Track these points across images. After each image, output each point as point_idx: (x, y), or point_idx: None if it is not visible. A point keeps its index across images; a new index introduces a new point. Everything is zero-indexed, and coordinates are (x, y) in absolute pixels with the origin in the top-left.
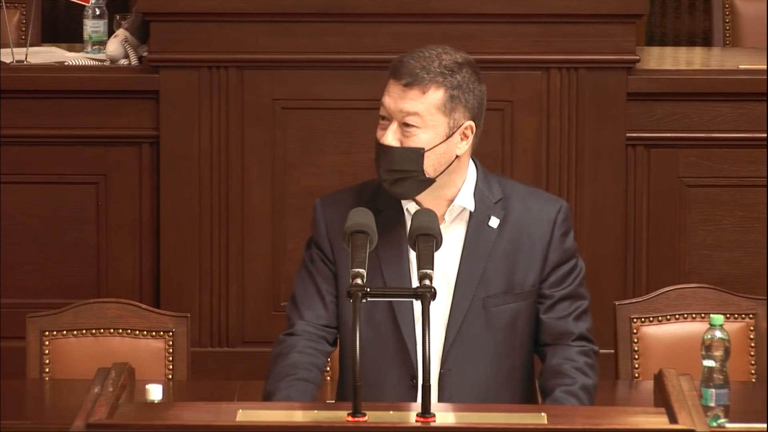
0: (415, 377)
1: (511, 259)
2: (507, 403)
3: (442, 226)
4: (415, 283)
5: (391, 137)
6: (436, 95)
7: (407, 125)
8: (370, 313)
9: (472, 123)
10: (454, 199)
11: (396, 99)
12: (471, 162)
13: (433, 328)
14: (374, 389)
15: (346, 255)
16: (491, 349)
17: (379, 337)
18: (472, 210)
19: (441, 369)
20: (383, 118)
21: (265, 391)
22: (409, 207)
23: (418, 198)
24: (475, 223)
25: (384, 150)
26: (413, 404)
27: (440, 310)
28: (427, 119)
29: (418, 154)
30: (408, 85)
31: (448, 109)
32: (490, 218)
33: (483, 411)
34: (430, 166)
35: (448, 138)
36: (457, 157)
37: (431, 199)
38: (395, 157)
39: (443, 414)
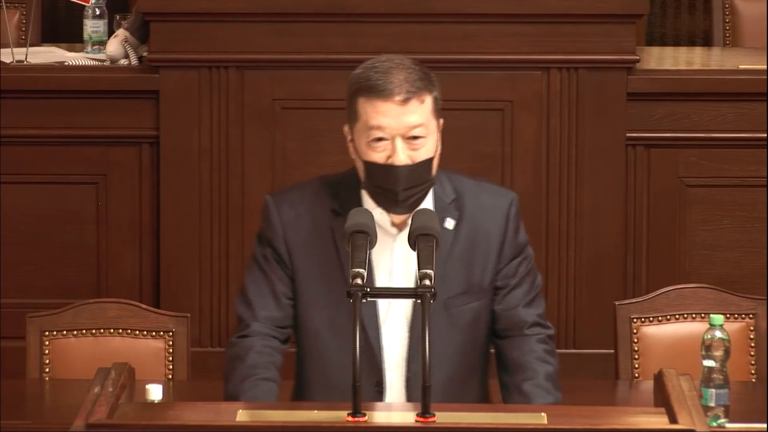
0: (381, 383)
1: (469, 258)
2: (470, 400)
3: (404, 230)
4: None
5: (403, 157)
6: (429, 100)
7: (414, 138)
8: (332, 319)
9: (442, 119)
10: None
11: (396, 116)
12: None
13: (396, 331)
14: (338, 396)
15: (305, 257)
16: (455, 349)
17: (343, 343)
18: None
19: (407, 373)
20: (379, 140)
21: (228, 395)
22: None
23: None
24: None
25: (401, 171)
26: (413, 404)
27: (402, 313)
28: (429, 126)
29: (429, 164)
30: (406, 101)
31: (436, 111)
32: (445, 220)
33: (483, 411)
34: (434, 168)
35: (438, 138)
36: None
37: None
38: (414, 173)
39: (443, 414)
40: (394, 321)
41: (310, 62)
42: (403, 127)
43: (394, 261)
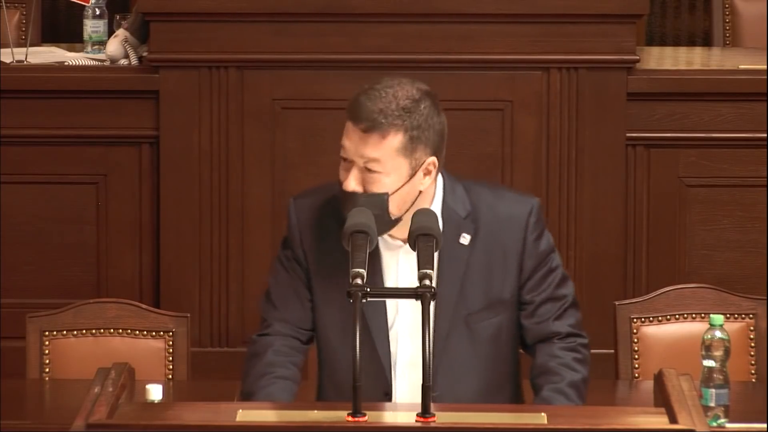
0: (389, 393)
1: (487, 273)
2: None
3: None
4: None
5: (354, 183)
6: (396, 139)
7: (369, 170)
8: (343, 323)
9: (434, 159)
10: None
11: (356, 144)
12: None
13: (404, 339)
14: (347, 399)
15: (318, 261)
16: (478, 364)
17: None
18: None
19: (433, 392)
20: (345, 159)
21: (244, 392)
22: None
23: None
24: (446, 243)
25: (348, 197)
26: (413, 404)
27: (410, 320)
28: (388, 164)
29: (382, 199)
30: (367, 131)
31: (409, 151)
32: (460, 236)
33: (483, 411)
34: (395, 207)
35: (411, 178)
36: (420, 192)
37: (400, 225)
38: (359, 202)
39: (443, 414)
40: (401, 328)
41: (310, 62)
42: (359, 156)
43: (400, 271)
